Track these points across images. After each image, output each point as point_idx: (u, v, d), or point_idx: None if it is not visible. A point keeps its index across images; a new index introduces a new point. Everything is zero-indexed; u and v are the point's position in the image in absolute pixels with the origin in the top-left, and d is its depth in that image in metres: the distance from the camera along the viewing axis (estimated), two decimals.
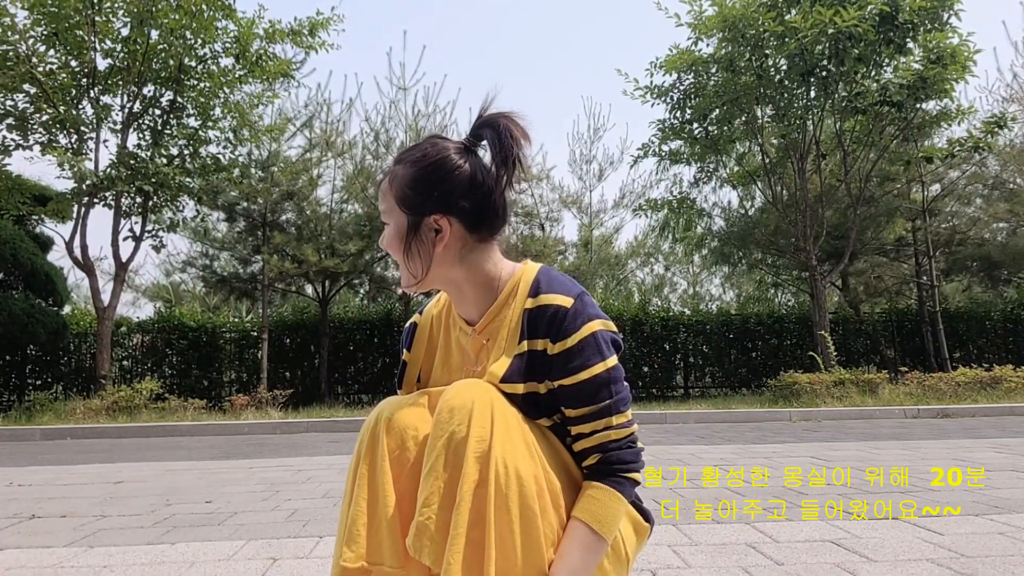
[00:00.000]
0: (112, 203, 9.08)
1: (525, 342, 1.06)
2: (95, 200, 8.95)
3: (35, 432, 6.90)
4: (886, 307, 13.11)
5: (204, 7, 8.59)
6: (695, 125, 10.44)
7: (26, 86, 8.33)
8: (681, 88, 10.28)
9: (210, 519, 2.41)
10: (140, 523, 2.37)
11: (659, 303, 15.47)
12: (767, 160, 10.47)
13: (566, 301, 1.04)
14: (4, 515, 2.59)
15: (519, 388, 1.05)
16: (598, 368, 1.02)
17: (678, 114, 10.51)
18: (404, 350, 1.25)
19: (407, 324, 1.27)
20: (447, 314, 1.21)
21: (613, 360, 1.04)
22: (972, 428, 5.67)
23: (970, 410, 7.22)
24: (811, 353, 9.73)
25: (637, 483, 1.04)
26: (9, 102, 8.40)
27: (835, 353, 9.38)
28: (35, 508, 2.72)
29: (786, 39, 8.77)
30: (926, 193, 11.60)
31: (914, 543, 1.84)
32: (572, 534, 0.96)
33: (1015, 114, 9.69)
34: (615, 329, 1.08)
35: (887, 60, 9.15)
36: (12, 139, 8.67)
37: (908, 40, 8.76)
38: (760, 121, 10.28)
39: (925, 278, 11.78)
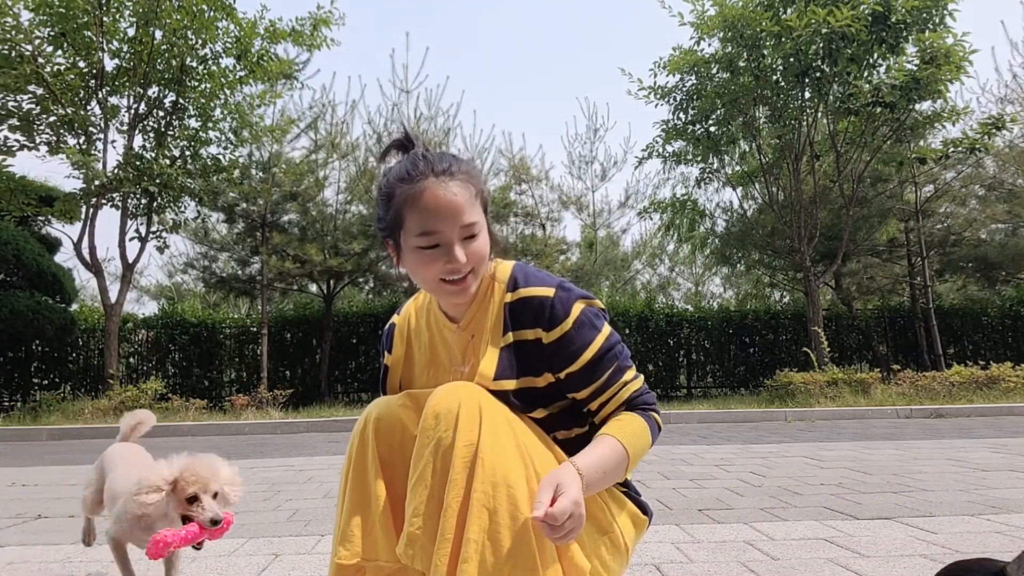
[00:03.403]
0: (120, 204, 9.12)
1: (510, 334, 1.08)
2: (103, 201, 8.98)
3: (41, 432, 6.91)
4: (878, 304, 13.18)
5: (204, 7, 8.62)
6: (697, 126, 10.47)
7: (32, 87, 8.32)
8: (684, 89, 10.31)
9: None
10: None
11: (664, 300, 15.56)
12: (763, 161, 10.50)
13: (548, 291, 1.07)
14: (7, 515, 2.61)
15: (512, 384, 1.07)
16: (599, 341, 1.07)
17: (681, 115, 10.55)
18: (385, 352, 1.24)
19: (386, 326, 1.27)
20: (428, 314, 1.21)
21: (607, 328, 1.09)
22: (966, 428, 5.68)
23: (965, 410, 7.18)
24: (805, 349, 9.78)
25: (659, 425, 1.12)
26: (12, 103, 8.38)
27: (828, 349, 9.41)
28: (41, 508, 2.75)
29: (782, 39, 8.79)
30: (919, 194, 11.56)
31: (907, 541, 1.86)
32: (595, 441, 1.03)
33: (1015, 115, 9.60)
34: (600, 304, 1.12)
35: (880, 60, 9.14)
36: (16, 140, 8.66)
37: (901, 40, 8.74)
38: (758, 122, 10.31)
39: (919, 278, 11.77)
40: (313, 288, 11.75)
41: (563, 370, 1.07)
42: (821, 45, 8.76)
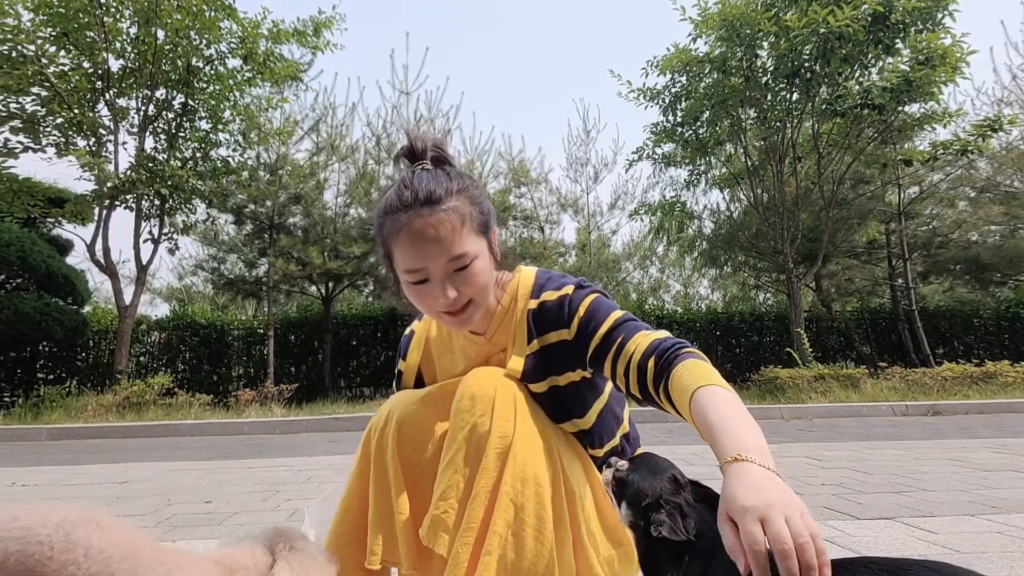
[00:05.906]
0: (133, 205, 9.10)
1: (535, 341, 1.07)
2: (116, 203, 8.96)
3: (42, 432, 6.76)
4: (857, 305, 13.20)
5: (205, 7, 8.60)
6: (685, 128, 10.47)
7: (36, 88, 8.26)
8: (673, 91, 10.30)
9: (210, 519, 2.42)
10: (143, 523, 2.39)
11: (654, 302, 15.62)
12: (749, 163, 10.50)
13: (567, 290, 1.08)
14: None
15: (540, 387, 1.06)
16: (616, 313, 1.05)
17: (670, 116, 10.55)
18: (400, 359, 1.23)
19: (406, 332, 1.26)
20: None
21: (622, 310, 1.07)
22: (966, 427, 5.65)
23: (962, 407, 7.10)
24: (788, 349, 9.77)
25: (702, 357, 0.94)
26: (15, 105, 8.30)
27: (810, 349, 9.41)
28: None
29: (779, 38, 8.76)
30: (902, 196, 11.53)
31: (908, 541, 1.86)
32: (703, 398, 0.83)
33: (1014, 117, 9.54)
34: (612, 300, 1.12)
35: (873, 61, 9.09)
36: (19, 141, 8.59)
37: (897, 40, 8.69)
38: (744, 124, 10.29)
39: (900, 280, 11.72)
40: (312, 290, 11.78)
41: (587, 350, 1.05)
42: (816, 45, 8.73)
